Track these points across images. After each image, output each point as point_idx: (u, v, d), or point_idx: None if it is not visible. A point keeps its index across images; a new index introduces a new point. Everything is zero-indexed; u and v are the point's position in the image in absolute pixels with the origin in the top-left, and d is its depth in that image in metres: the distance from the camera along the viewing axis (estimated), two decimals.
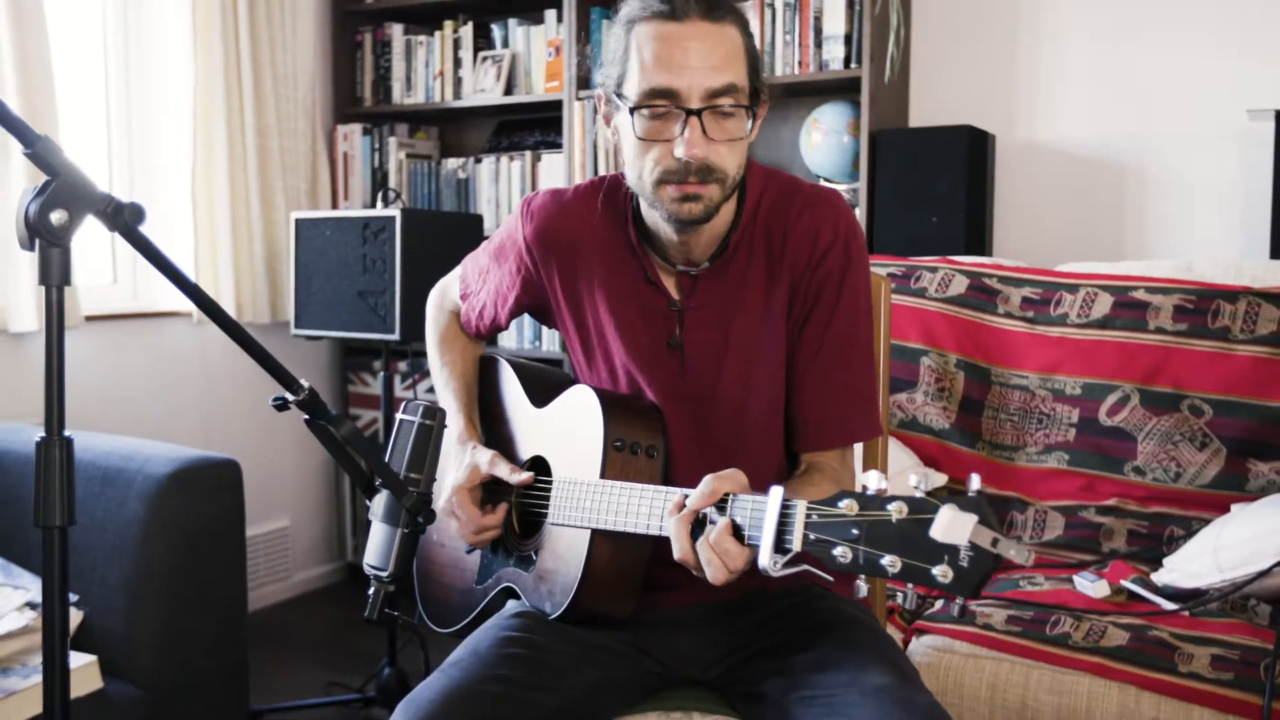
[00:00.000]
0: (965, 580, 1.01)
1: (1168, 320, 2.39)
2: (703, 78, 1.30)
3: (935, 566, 1.02)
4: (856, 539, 1.08)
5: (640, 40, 1.33)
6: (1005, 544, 1.00)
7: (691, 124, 1.31)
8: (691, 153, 1.31)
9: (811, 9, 3.10)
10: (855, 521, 1.08)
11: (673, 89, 1.31)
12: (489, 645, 1.39)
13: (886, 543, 1.06)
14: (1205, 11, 2.94)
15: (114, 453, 2.13)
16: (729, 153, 1.35)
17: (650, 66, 1.31)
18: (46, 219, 1.04)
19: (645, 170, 1.35)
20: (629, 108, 1.34)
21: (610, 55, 1.39)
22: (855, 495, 1.09)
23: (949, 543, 1.01)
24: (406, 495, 1.33)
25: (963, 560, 1.01)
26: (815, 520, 1.11)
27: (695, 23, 1.31)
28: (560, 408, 1.52)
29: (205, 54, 3.31)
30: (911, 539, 1.04)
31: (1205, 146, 2.96)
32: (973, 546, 1.00)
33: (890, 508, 1.06)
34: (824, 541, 1.10)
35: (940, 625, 1.94)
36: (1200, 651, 1.78)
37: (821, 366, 1.46)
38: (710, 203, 1.35)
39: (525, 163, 3.63)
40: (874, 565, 1.06)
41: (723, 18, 1.33)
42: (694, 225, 1.38)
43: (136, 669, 2.00)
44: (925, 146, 2.97)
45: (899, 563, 1.04)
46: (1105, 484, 2.37)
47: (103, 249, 3.30)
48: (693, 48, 1.30)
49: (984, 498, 1.02)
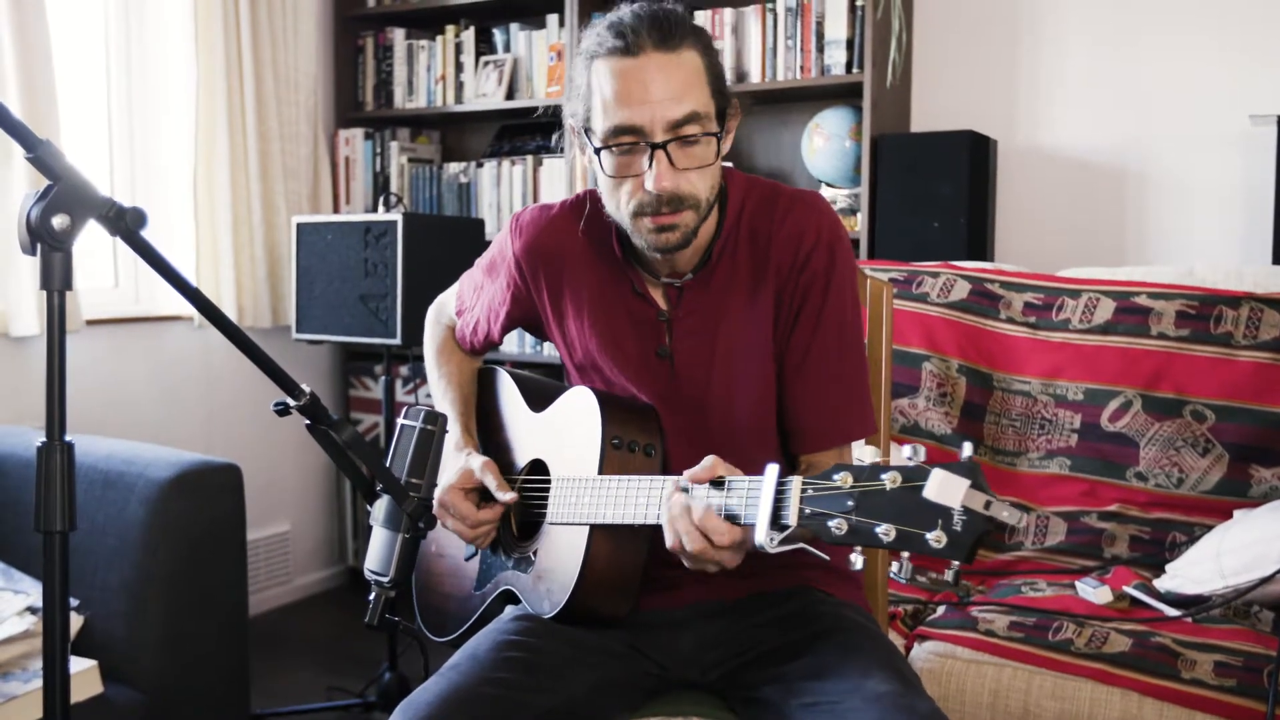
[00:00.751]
0: (959, 544, 1.01)
1: (1170, 326, 2.39)
2: (663, 110, 1.31)
3: (929, 532, 1.02)
4: (851, 510, 1.08)
5: (599, 78, 1.34)
6: (998, 506, 1.01)
7: (658, 157, 1.32)
8: (661, 186, 1.33)
9: (813, 14, 3.10)
10: (850, 493, 1.09)
11: (635, 125, 1.32)
12: (487, 648, 1.39)
13: (880, 511, 1.06)
14: (1207, 16, 2.94)
15: (115, 457, 2.13)
16: (699, 179, 1.36)
17: (611, 104, 1.33)
18: (48, 224, 1.04)
19: (621, 204, 1.38)
20: (594, 148, 1.36)
21: (575, 89, 1.40)
22: (850, 468, 1.10)
23: (942, 504, 1.01)
24: (407, 500, 1.33)
25: (956, 525, 1.01)
26: (810, 494, 1.12)
27: (650, 55, 1.31)
28: (559, 409, 1.53)
29: (207, 58, 3.31)
30: (905, 506, 1.04)
31: (1207, 151, 2.96)
32: (965, 510, 1.01)
33: (884, 477, 1.07)
34: (819, 514, 1.11)
35: (942, 631, 1.94)
36: (1203, 658, 1.77)
37: (812, 368, 1.47)
38: (686, 229, 1.38)
39: (527, 167, 3.64)
40: (869, 534, 1.06)
41: (678, 45, 1.33)
42: (672, 253, 1.41)
43: (137, 673, 2.00)
44: (927, 151, 2.97)
45: (893, 530, 1.05)
46: (1107, 490, 2.36)
47: (104, 253, 3.30)
48: (650, 80, 1.31)
49: (976, 464, 1.02)
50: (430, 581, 1.70)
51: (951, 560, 1.03)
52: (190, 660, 2.07)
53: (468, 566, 1.62)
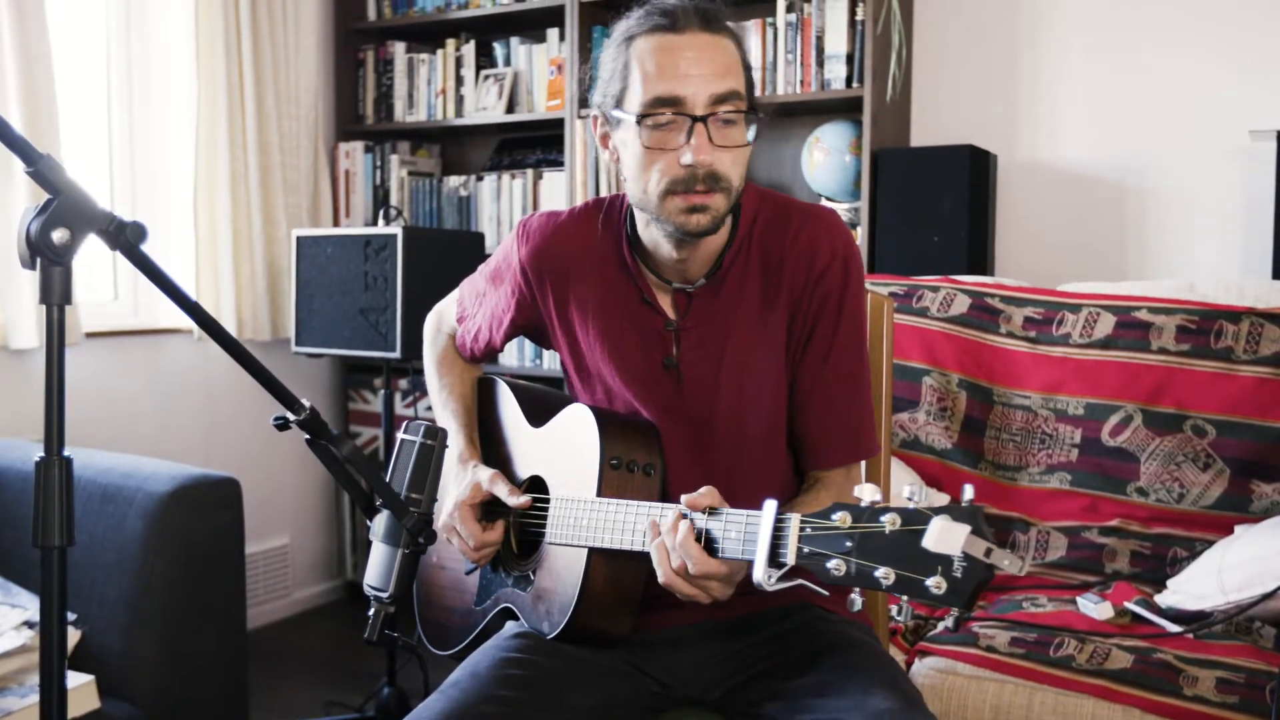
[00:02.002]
0: (959, 591, 1.00)
1: (1170, 340, 2.39)
2: (706, 84, 1.32)
3: (929, 578, 1.02)
4: (849, 551, 1.07)
5: (641, 53, 1.35)
6: (999, 554, 1.00)
7: (697, 130, 1.32)
8: (699, 158, 1.32)
9: (813, 28, 3.10)
10: (848, 534, 1.08)
11: (677, 96, 1.32)
12: (488, 666, 1.39)
13: (880, 554, 1.05)
14: (1207, 31, 2.95)
15: (114, 470, 2.13)
16: (733, 162, 1.36)
17: (653, 76, 1.33)
18: (48, 238, 1.04)
19: (651, 183, 1.36)
20: (635, 117, 1.35)
21: (606, 74, 1.40)
22: (849, 507, 1.09)
23: (942, 552, 1.00)
24: (407, 516, 1.32)
25: (956, 571, 1.01)
26: (809, 533, 1.11)
27: (695, 34, 1.34)
28: (557, 427, 1.52)
29: (208, 71, 3.32)
30: (904, 550, 1.04)
31: (1207, 166, 2.97)
32: (966, 557, 1.00)
33: (884, 519, 1.06)
34: (818, 554, 1.10)
35: (943, 647, 1.93)
36: (1205, 674, 1.77)
37: (828, 386, 1.47)
38: (717, 213, 1.36)
39: (527, 181, 3.64)
40: (867, 577, 1.06)
41: (720, 30, 1.36)
42: (699, 238, 1.39)
43: (135, 688, 1.99)
44: (927, 166, 2.97)
45: (892, 574, 1.04)
46: (1108, 505, 2.36)
47: (103, 265, 3.30)
48: (694, 56, 1.33)
49: (978, 508, 1.02)
50: (432, 594, 1.69)
51: (950, 607, 1.02)
52: (188, 675, 2.06)
53: (469, 580, 1.61)
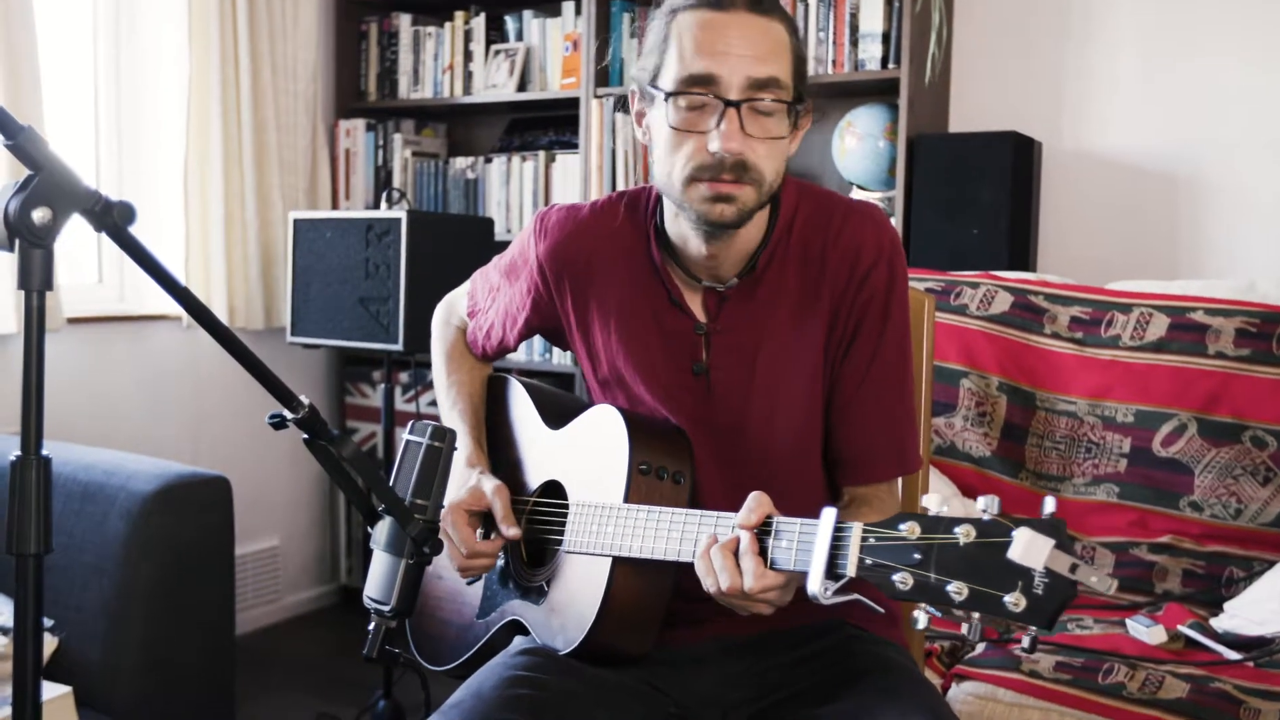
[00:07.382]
0: (1040, 609, 0.98)
1: (1229, 344, 2.36)
2: (745, 66, 1.29)
3: (1007, 594, 0.99)
4: (919, 564, 1.05)
5: (681, 28, 1.33)
6: (1085, 570, 0.98)
7: (729, 115, 1.29)
8: (728, 146, 1.29)
9: (848, 5, 3.07)
10: (918, 545, 1.05)
11: (712, 75, 1.29)
12: (492, 686, 1.35)
13: (952, 568, 1.03)
14: (1266, 15, 2.90)
15: (95, 467, 2.11)
16: (767, 154, 1.33)
17: (690, 53, 1.31)
18: (28, 217, 1.03)
19: (676, 166, 1.33)
20: (665, 94, 1.32)
21: (648, 47, 1.38)
22: (917, 517, 1.07)
23: (1024, 565, 0.98)
24: (412, 523, 1.30)
25: (1037, 587, 0.98)
26: (872, 544, 1.09)
27: (741, 13, 1.31)
28: (580, 429, 1.49)
29: (200, 43, 3.30)
30: (980, 564, 1.01)
31: (1267, 158, 2.93)
32: (1048, 572, 0.98)
33: (958, 531, 1.03)
34: (882, 566, 1.07)
35: (983, 671, 1.90)
36: (1268, 707, 1.74)
37: (871, 394, 1.44)
38: (744, 206, 1.33)
39: (538, 164, 3.61)
40: (938, 592, 1.03)
41: (770, 12, 1.33)
42: (723, 230, 1.36)
43: (115, 699, 1.98)
44: (967, 153, 2.94)
45: (965, 589, 1.01)
46: (1158, 520, 2.34)
47: (87, 246, 3.29)
48: (736, 35, 1.30)
49: (1060, 522, 1.00)
50: (426, 605, 1.66)
51: (1029, 625, 1.00)
52: (172, 684, 2.05)
53: (470, 591, 1.58)
